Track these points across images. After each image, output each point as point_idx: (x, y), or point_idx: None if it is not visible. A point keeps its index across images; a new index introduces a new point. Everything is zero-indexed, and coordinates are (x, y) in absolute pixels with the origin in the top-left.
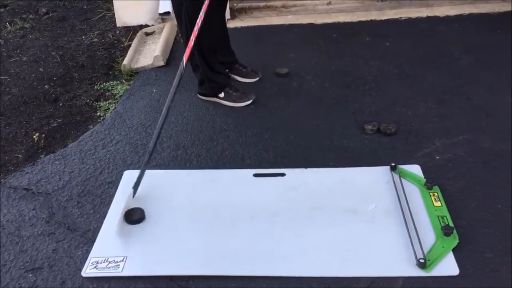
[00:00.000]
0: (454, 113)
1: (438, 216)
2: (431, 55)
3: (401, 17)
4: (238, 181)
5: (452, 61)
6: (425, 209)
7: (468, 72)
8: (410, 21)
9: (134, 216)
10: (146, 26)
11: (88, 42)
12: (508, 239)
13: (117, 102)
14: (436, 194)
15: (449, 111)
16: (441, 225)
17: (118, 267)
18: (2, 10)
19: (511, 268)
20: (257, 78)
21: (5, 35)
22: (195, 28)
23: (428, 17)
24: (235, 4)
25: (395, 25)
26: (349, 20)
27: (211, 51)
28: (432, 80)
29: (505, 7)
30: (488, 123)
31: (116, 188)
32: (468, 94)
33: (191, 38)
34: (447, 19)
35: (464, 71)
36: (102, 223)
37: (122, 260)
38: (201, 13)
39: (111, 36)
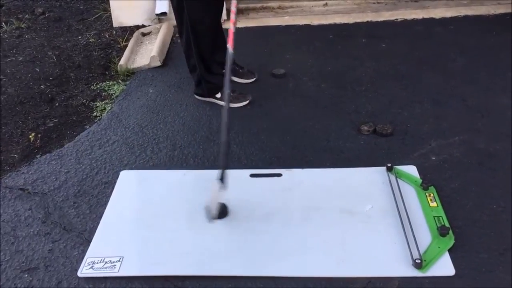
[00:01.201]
0: (449, 114)
1: (434, 216)
2: (427, 56)
3: (397, 19)
4: (234, 181)
5: (447, 62)
6: (421, 210)
7: (463, 73)
8: (406, 22)
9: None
10: (143, 26)
11: (84, 42)
12: (503, 240)
13: (114, 102)
14: (432, 195)
15: (444, 112)
16: (437, 225)
17: (114, 267)
18: None
19: (506, 268)
20: (254, 79)
21: (1, 35)
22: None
23: (423, 19)
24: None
25: (391, 26)
26: (345, 22)
27: (209, 51)
28: (428, 81)
29: (500, 9)
30: (484, 124)
31: (113, 188)
32: (464, 95)
33: (232, 21)
34: (443, 21)
35: (459, 73)
36: (98, 223)
37: (119, 260)
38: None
39: (107, 37)
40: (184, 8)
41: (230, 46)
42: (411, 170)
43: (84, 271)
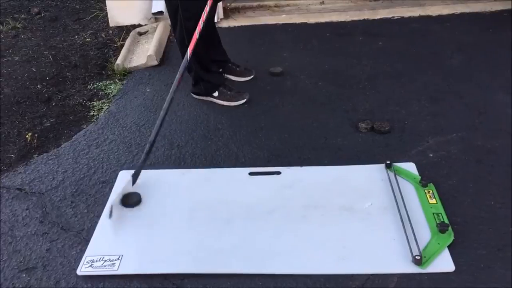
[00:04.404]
0: (447, 111)
1: (433, 213)
2: (424, 54)
3: (393, 17)
4: (233, 180)
5: (444, 60)
6: (421, 207)
7: (461, 70)
8: (402, 20)
9: (131, 200)
10: (139, 25)
11: (80, 42)
12: (502, 236)
13: (111, 101)
14: (431, 192)
15: (442, 109)
16: (436, 222)
17: (113, 266)
18: None
19: (504, 264)
20: (251, 76)
21: None
22: (199, 23)
23: (420, 17)
24: (228, 4)
25: (388, 24)
26: (342, 20)
27: (204, 51)
28: (425, 79)
29: (496, 6)
30: (481, 121)
31: (111, 187)
32: (461, 93)
33: (195, 32)
34: (440, 18)
35: (456, 70)
36: (96, 222)
37: (118, 259)
38: (203, 14)
39: (104, 36)
40: (178, 8)
41: (189, 51)
42: (410, 167)
43: (83, 269)
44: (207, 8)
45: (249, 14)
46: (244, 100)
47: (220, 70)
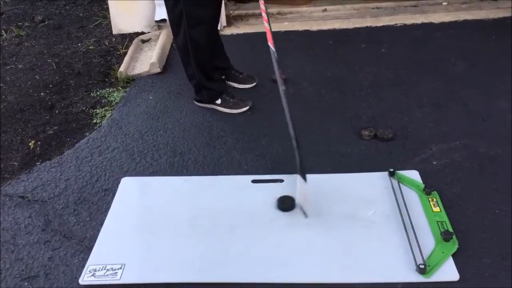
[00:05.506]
0: (450, 119)
1: (437, 221)
2: (427, 61)
3: (396, 24)
4: (236, 188)
5: (447, 67)
6: (424, 215)
7: (464, 78)
8: (405, 27)
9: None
10: (142, 33)
11: (84, 50)
12: (506, 244)
13: (114, 109)
14: (434, 200)
15: (445, 117)
16: (440, 230)
17: (116, 275)
18: None
19: (509, 273)
20: (254, 83)
21: (1, 43)
22: None
23: (423, 24)
24: (231, 11)
25: (390, 31)
26: (345, 27)
27: (208, 59)
28: (428, 86)
29: (499, 14)
30: (484, 128)
31: (113, 195)
32: (464, 100)
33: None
34: (442, 25)
35: (459, 77)
36: (98, 230)
37: (120, 268)
38: None
39: (107, 44)
40: (182, 15)
41: (270, 43)
42: (414, 175)
43: (85, 279)
44: None
45: (252, 21)
46: (247, 107)
47: (223, 77)
